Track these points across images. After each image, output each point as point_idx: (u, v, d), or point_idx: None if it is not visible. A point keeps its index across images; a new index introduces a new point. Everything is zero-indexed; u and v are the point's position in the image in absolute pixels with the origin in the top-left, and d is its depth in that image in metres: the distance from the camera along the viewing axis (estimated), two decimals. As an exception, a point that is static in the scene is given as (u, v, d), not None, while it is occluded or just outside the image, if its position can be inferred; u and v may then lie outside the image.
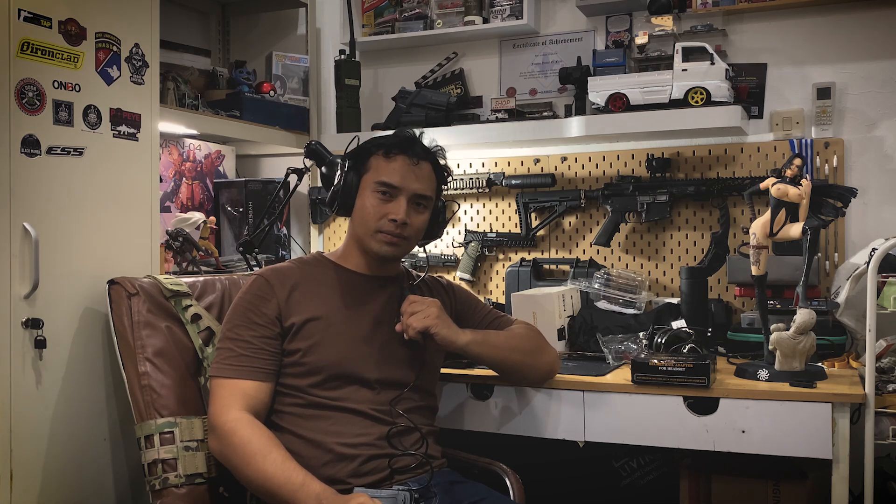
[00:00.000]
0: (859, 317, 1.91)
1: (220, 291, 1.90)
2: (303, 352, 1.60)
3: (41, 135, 1.80)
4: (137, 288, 1.77)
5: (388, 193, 1.65)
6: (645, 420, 1.82)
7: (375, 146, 1.70)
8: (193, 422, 1.67)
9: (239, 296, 1.66)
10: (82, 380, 1.88)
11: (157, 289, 1.80)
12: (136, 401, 1.68)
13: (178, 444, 1.63)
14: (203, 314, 1.81)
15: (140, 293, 1.77)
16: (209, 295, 1.88)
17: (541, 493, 1.65)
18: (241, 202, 2.84)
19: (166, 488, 1.60)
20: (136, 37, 2.04)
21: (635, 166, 2.59)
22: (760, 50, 2.48)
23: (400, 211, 1.64)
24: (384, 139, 1.71)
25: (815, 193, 1.83)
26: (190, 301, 1.82)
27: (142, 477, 1.65)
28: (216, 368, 1.58)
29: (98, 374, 1.91)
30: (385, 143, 1.69)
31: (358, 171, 1.69)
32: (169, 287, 1.80)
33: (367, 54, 2.94)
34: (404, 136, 1.72)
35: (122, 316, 1.75)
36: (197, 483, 1.63)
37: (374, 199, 1.66)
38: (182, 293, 1.82)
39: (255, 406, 1.55)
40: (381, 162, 1.67)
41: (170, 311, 1.79)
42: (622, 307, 2.35)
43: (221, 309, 1.85)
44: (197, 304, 1.83)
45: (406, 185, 1.66)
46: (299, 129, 2.89)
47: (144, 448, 1.63)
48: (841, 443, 1.67)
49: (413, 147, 1.69)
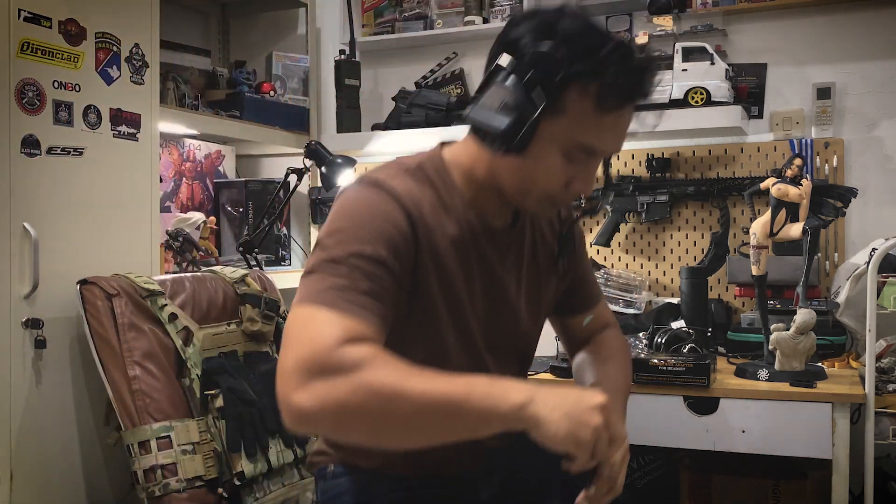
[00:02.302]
0: (859, 317, 1.91)
1: (190, 290, 1.85)
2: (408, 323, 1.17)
3: (41, 135, 1.80)
4: (117, 288, 1.71)
5: (583, 160, 1.15)
6: (645, 420, 1.82)
7: (584, 77, 1.08)
8: (188, 424, 1.66)
9: (355, 209, 1.12)
10: (82, 380, 1.88)
11: (132, 288, 1.74)
12: (126, 406, 1.63)
13: (175, 448, 1.61)
14: (179, 313, 1.77)
15: (121, 293, 1.71)
16: (181, 294, 1.83)
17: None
18: (241, 202, 2.84)
19: (168, 494, 1.58)
20: (136, 37, 2.04)
21: (635, 166, 2.59)
22: (760, 50, 2.48)
23: (590, 183, 1.18)
24: (600, 69, 1.08)
25: (815, 193, 1.84)
26: (164, 300, 1.77)
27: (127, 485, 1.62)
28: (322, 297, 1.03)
29: (98, 374, 1.91)
30: (604, 80, 1.08)
31: (546, 105, 1.09)
32: (143, 286, 1.75)
33: (367, 54, 2.94)
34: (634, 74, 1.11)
35: (101, 318, 1.68)
36: (197, 486, 1.62)
37: (560, 161, 1.13)
38: (157, 292, 1.77)
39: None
40: (588, 110, 1.10)
41: (149, 312, 1.74)
42: (622, 307, 2.35)
43: (194, 307, 1.81)
44: (172, 303, 1.78)
45: (612, 149, 1.17)
46: (299, 129, 2.88)
47: (139, 454, 1.59)
48: (841, 443, 1.67)
49: (638, 96, 1.14)
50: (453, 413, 0.96)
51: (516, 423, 0.96)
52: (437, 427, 0.98)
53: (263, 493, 1.75)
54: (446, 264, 1.18)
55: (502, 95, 1.11)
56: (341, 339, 0.98)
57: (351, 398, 0.95)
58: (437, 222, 1.17)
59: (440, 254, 1.17)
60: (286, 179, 2.38)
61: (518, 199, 1.20)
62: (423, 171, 1.21)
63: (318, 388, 0.95)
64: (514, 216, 1.28)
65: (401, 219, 1.12)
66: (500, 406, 0.96)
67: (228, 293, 1.92)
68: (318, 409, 0.95)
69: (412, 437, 1.01)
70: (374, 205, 1.12)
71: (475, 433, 0.98)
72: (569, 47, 1.08)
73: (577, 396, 0.99)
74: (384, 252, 1.08)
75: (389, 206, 1.13)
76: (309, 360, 0.97)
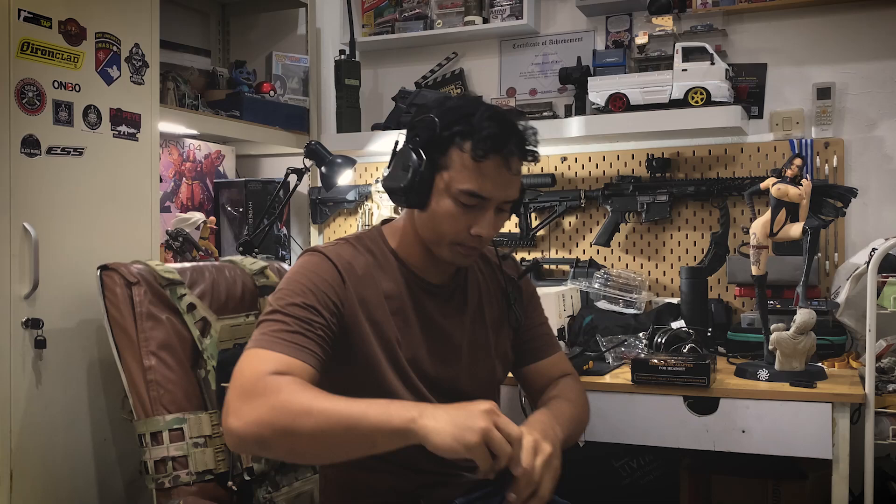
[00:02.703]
0: (859, 317, 1.91)
1: (209, 280, 1.81)
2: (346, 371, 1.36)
3: (41, 135, 1.81)
4: (137, 276, 1.68)
5: (474, 204, 1.34)
6: (645, 420, 1.82)
7: (460, 136, 1.32)
8: (201, 417, 1.64)
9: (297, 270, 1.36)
10: (82, 379, 1.88)
11: (152, 276, 1.71)
12: (140, 396, 1.62)
13: (187, 440, 1.60)
14: (197, 303, 1.74)
15: (141, 282, 1.68)
16: (200, 283, 1.79)
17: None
18: (241, 202, 2.84)
19: (177, 486, 1.57)
20: (136, 37, 2.04)
21: (635, 166, 2.59)
22: (760, 50, 2.48)
23: (487, 226, 1.35)
24: (471, 129, 1.31)
25: (815, 193, 1.83)
26: (184, 290, 1.74)
27: (138, 475, 1.61)
28: (263, 341, 1.24)
29: (98, 374, 1.91)
30: (474, 135, 1.31)
31: (434, 162, 1.34)
32: (163, 275, 1.72)
33: (367, 54, 2.94)
34: (498, 127, 1.32)
35: (119, 306, 1.65)
36: (207, 480, 1.61)
37: (454, 208, 1.34)
38: (176, 281, 1.73)
39: None
40: (467, 162, 1.31)
41: (167, 301, 1.71)
42: (622, 307, 2.35)
43: (213, 297, 1.79)
44: (191, 293, 1.75)
45: (497, 194, 1.34)
46: (299, 129, 2.89)
47: (150, 445, 1.58)
48: (841, 443, 1.67)
49: (509, 145, 1.33)
50: (353, 427, 1.11)
51: (409, 436, 1.10)
52: (341, 440, 1.13)
53: (275, 488, 1.74)
54: (378, 313, 1.37)
55: (401, 161, 1.37)
56: (268, 371, 1.19)
57: (266, 416, 1.13)
58: (370, 279, 1.38)
59: (373, 304, 1.37)
60: (286, 179, 2.38)
61: (436, 250, 1.40)
62: (361, 241, 1.44)
63: (245, 411, 1.15)
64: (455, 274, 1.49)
65: (331, 272, 1.34)
66: (394, 420, 1.10)
67: (248, 284, 1.90)
68: (244, 429, 1.14)
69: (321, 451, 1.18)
70: (309, 265, 1.36)
71: (374, 447, 1.13)
72: (447, 114, 1.34)
73: (464, 406, 1.12)
74: (313, 300, 1.30)
75: (323, 264, 1.36)
76: (241, 388, 1.18)
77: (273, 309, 1.29)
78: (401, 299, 1.41)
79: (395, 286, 1.41)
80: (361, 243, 1.43)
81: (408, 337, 1.41)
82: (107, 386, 1.93)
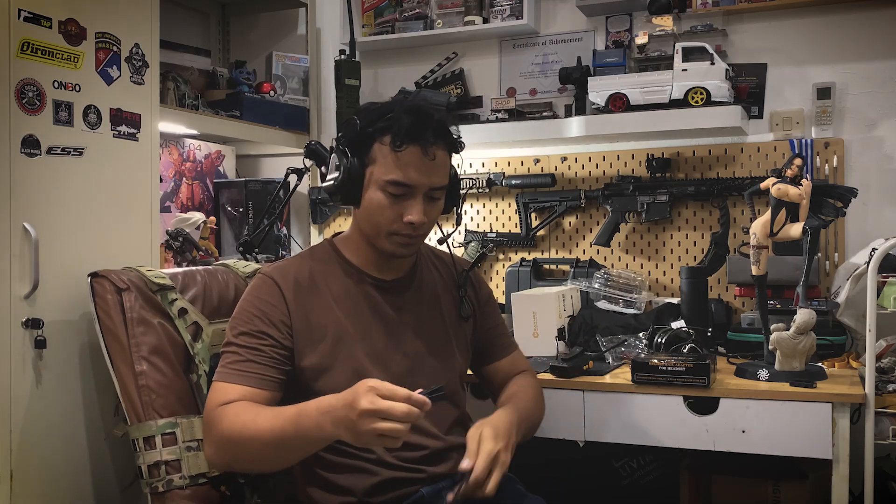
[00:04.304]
0: (859, 317, 1.91)
1: (201, 284, 1.82)
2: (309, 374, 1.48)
3: (41, 135, 1.80)
4: (127, 282, 1.69)
5: (401, 193, 1.45)
6: (645, 420, 1.82)
7: (379, 132, 1.44)
8: (193, 421, 1.64)
9: (244, 298, 1.54)
10: (82, 379, 1.88)
11: (142, 282, 1.72)
12: (132, 402, 1.63)
13: (180, 444, 1.61)
14: (189, 308, 1.74)
15: (131, 288, 1.69)
16: (191, 288, 1.79)
17: (541, 494, 1.65)
18: (241, 202, 2.84)
19: (170, 490, 1.58)
20: (136, 37, 2.04)
21: (635, 166, 2.59)
22: (760, 50, 2.48)
23: (417, 212, 1.45)
24: (387, 122, 1.43)
25: (815, 193, 1.84)
26: (175, 294, 1.74)
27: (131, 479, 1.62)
28: (220, 374, 1.45)
29: (98, 374, 1.91)
30: (391, 129, 1.43)
31: (361, 159, 1.46)
32: (154, 280, 1.73)
33: (367, 54, 2.94)
34: (412, 118, 1.43)
35: (110, 312, 1.67)
36: (200, 483, 1.62)
37: (384, 198, 1.45)
38: (167, 286, 1.74)
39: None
40: (387, 154, 1.43)
41: (158, 307, 1.71)
42: (622, 307, 2.35)
43: (205, 302, 1.79)
44: (182, 298, 1.75)
45: (422, 181, 1.44)
46: (299, 129, 2.89)
47: (143, 450, 1.59)
48: (841, 443, 1.67)
49: (425, 133, 1.43)
50: (290, 440, 1.30)
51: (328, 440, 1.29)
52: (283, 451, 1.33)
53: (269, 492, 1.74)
54: (330, 316, 1.50)
55: (333, 164, 1.50)
56: (217, 403, 1.40)
57: (218, 445, 1.39)
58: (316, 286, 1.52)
59: (322, 308, 1.50)
60: (286, 179, 2.37)
61: (378, 243, 1.50)
62: (312, 252, 1.60)
63: (207, 442, 1.43)
64: (410, 270, 1.61)
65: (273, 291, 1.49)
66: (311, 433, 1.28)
67: (240, 288, 1.89)
68: (212, 458, 1.43)
69: (271, 463, 1.39)
70: (253, 291, 1.52)
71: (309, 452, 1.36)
72: (368, 114, 1.48)
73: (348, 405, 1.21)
74: (261, 324, 1.46)
75: (264, 286, 1.51)
76: (203, 422, 1.45)
77: (227, 341, 1.48)
78: (351, 299, 1.54)
79: (345, 287, 1.54)
80: (312, 255, 1.59)
81: (364, 333, 1.52)
82: (107, 386, 1.92)
